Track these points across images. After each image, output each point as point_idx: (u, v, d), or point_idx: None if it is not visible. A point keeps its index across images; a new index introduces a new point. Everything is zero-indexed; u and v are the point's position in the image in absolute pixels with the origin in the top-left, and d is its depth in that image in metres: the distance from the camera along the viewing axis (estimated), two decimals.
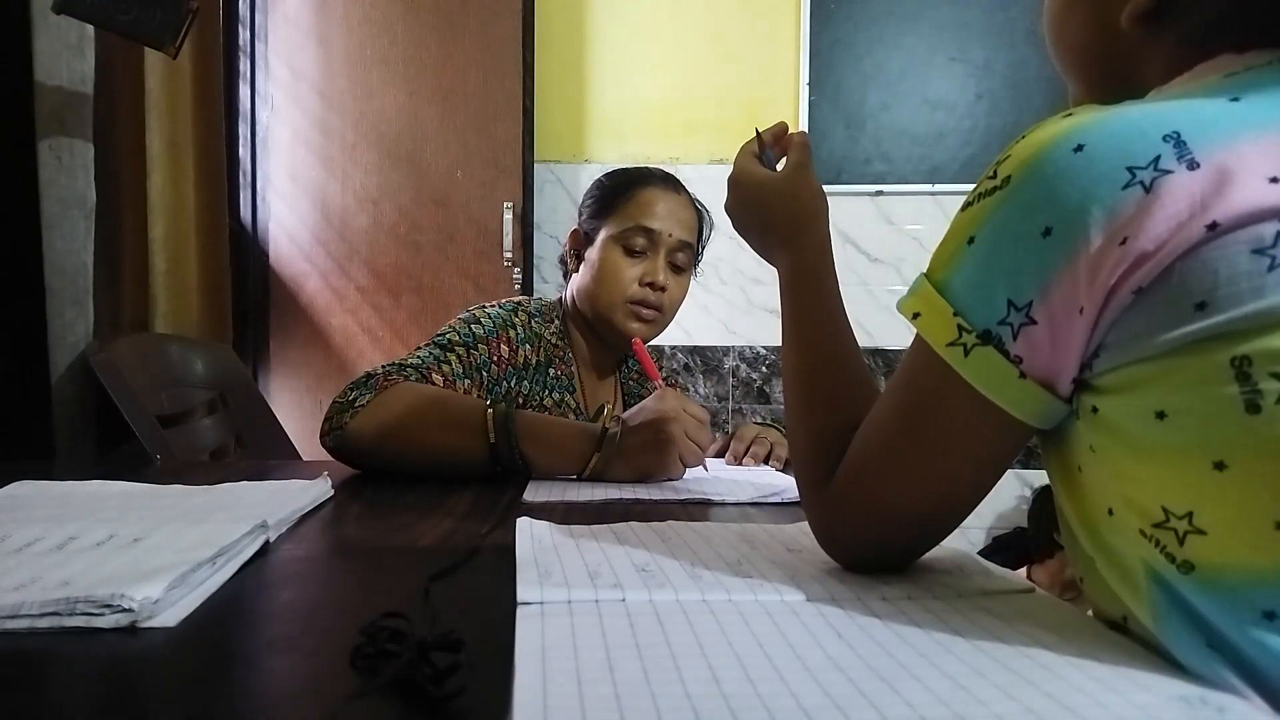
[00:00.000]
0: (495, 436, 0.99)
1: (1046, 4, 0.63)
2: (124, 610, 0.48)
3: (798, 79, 2.70)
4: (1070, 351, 0.46)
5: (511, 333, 1.23)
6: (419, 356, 1.14)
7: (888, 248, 2.71)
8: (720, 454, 1.25)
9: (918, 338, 0.52)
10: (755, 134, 0.80)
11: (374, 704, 0.39)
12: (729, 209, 0.79)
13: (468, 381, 1.16)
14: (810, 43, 2.69)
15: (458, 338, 1.18)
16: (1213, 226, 0.41)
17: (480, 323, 1.21)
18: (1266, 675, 0.40)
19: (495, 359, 1.19)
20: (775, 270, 0.73)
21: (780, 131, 0.81)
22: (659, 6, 2.73)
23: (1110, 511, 0.46)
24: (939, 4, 2.70)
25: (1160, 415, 0.43)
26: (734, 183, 0.78)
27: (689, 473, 1.06)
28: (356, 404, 1.02)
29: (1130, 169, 0.43)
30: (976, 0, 2.69)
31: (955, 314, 0.49)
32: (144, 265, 1.71)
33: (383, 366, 1.10)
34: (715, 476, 1.07)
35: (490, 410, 1.00)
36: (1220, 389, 0.41)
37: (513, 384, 1.22)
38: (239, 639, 0.50)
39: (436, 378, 1.12)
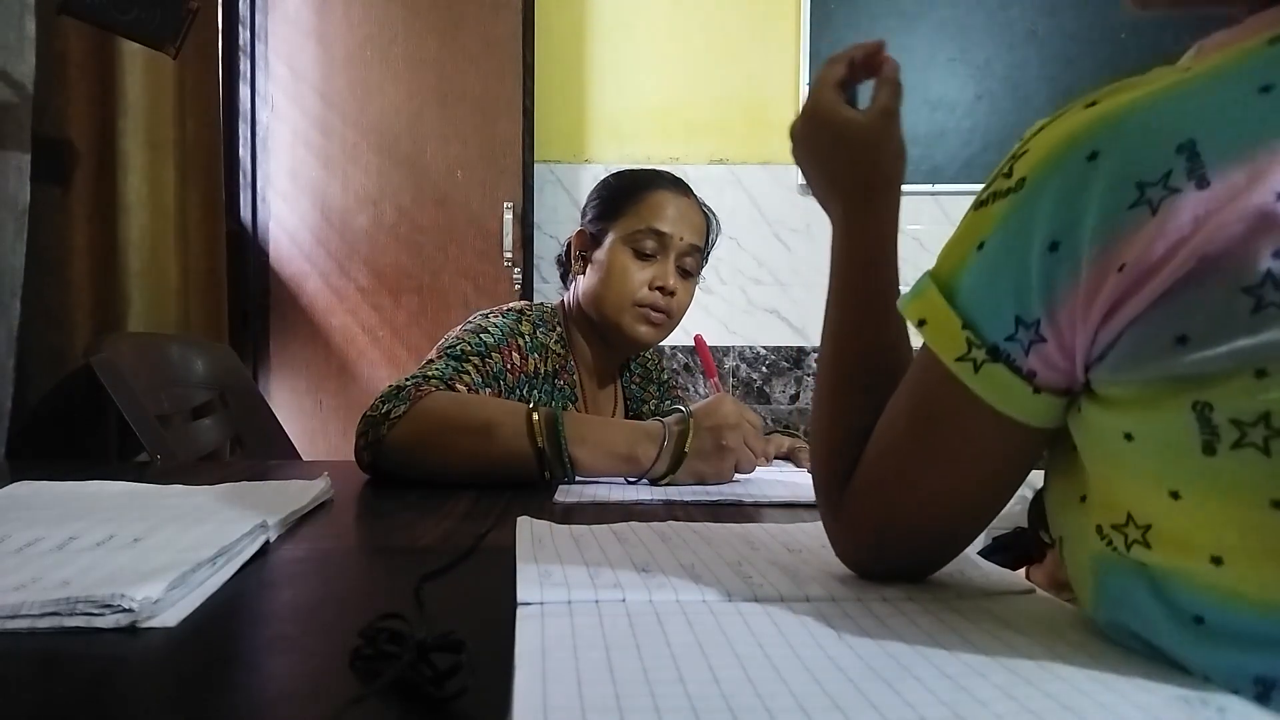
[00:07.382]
0: (543, 440, 0.96)
1: None
2: (124, 610, 0.48)
3: (798, 79, 2.70)
4: (1080, 359, 0.44)
5: (520, 340, 1.20)
6: (437, 369, 1.08)
7: None
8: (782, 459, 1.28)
9: (926, 345, 0.49)
10: (848, 60, 0.67)
11: (375, 705, 0.39)
12: (795, 136, 0.68)
13: (489, 390, 1.12)
14: (810, 43, 2.69)
15: (469, 347, 1.14)
16: (1203, 258, 0.39)
17: (489, 331, 1.18)
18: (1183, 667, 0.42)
19: (509, 366, 1.16)
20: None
21: (873, 50, 0.67)
22: (659, 7, 2.73)
23: (1083, 499, 0.47)
24: (939, 4, 2.69)
25: (1128, 437, 0.42)
26: (810, 116, 0.66)
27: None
28: (391, 415, 0.98)
29: (1140, 185, 0.40)
30: (976, 0, 2.69)
31: (964, 326, 0.46)
32: (112, 264, 1.67)
33: (408, 378, 1.05)
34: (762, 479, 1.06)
35: (534, 413, 0.96)
36: (1181, 427, 0.40)
37: (525, 392, 1.19)
38: (239, 639, 0.50)
39: (460, 388, 1.07)
